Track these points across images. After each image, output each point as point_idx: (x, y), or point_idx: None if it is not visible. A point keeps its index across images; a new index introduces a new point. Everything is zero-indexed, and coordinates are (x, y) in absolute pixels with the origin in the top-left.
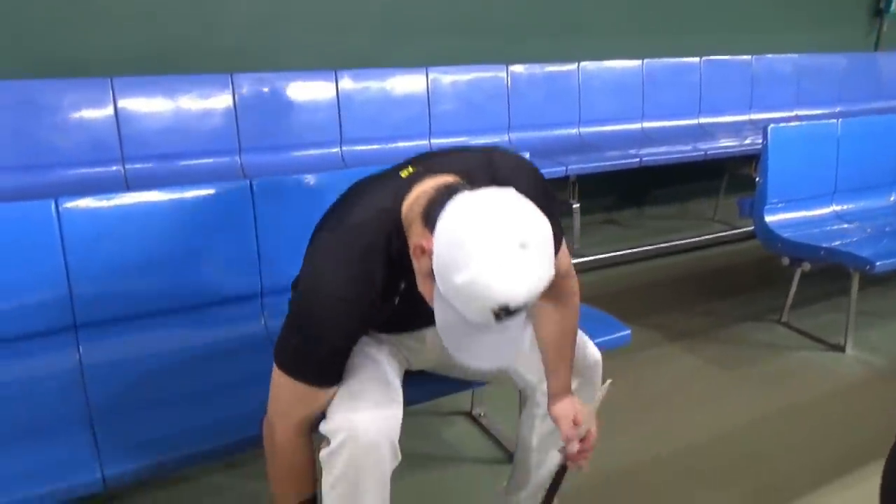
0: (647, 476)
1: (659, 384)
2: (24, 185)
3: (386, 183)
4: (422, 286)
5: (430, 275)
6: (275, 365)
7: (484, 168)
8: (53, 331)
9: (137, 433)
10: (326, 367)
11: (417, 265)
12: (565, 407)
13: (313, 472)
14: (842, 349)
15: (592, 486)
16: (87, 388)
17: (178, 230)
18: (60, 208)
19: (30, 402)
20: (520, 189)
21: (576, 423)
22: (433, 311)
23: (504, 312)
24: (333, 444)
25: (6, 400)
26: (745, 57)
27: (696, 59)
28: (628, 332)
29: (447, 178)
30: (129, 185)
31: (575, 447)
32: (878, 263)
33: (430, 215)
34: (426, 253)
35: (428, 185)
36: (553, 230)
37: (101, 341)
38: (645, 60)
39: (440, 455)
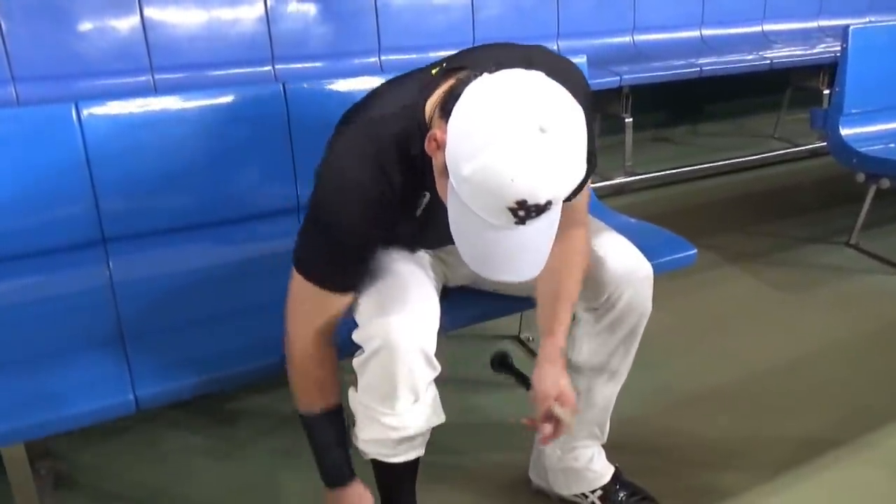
0: (711, 409)
1: (721, 307)
2: (47, 95)
3: (414, 79)
4: (439, 187)
5: (445, 171)
6: (293, 266)
7: (521, 64)
8: (81, 245)
9: (170, 353)
10: (340, 269)
11: (435, 162)
12: (552, 376)
13: (337, 383)
14: None
15: (650, 414)
16: (118, 306)
17: (209, 138)
18: (82, 114)
19: (60, 320)
20: None
21: (561, 403)
22: None
23: (524, 210)
24: (367, 351)
25: (36, 318)
26: None
27: None
28: (694, 251)
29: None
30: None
31: (548, 430)
32: None
33: (447, 104)
34: (440, 146)
35: (455, 79)
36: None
37: (131, 256)
38: None
39: (486, 379)
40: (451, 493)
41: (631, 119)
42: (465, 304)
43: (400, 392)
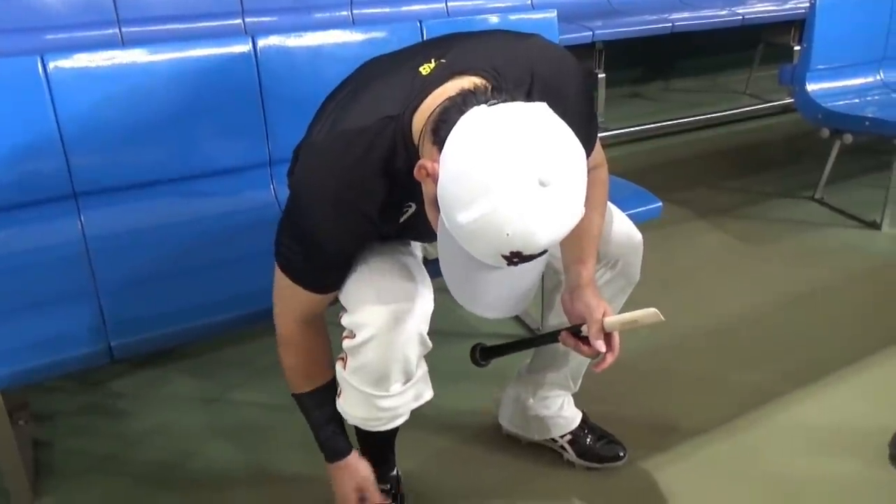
0: (675, 356)
1: (689, 259)
2: (11, 48)
3: (399, 79)
4: (429, 212)
5: (436, 205)
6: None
7: (520, 65)
8: (53, 199)
9: (143, 305)
10: (319, 273)
11: (425, 190)
12: (594, 297)
13: (326, 364)
14: (878, 226)
15: (621, 366)
16: (91, 259)
17: (178, 92)
18: (48, 67)
19: (34, 272)
20: (561, 95)
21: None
22: None
23: (518, 258)
24: (359, 338)
25: (10, 270)
26: None
27: None
28: (659, 204)
29: (471, 81)
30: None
31: (602, 347)
32: None
33: (439, 131)
34: (432, 177)
35: (447, 90)
36: (590, 132)
37: (102, 210)
38: None
39: (461, 331)
40: (429, 439)
41: (604, 75)
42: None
43: (393, 376)
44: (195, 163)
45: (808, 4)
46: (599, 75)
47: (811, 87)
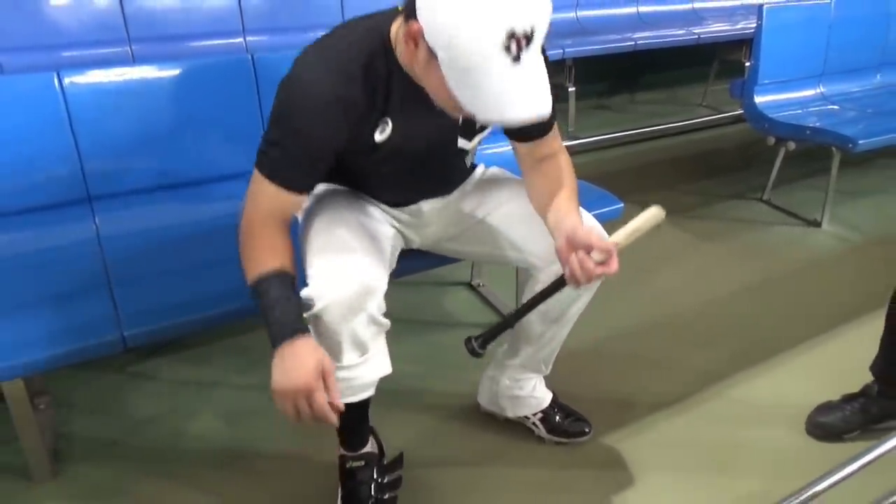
0: (633, 342)
1: (646, 257)
2: (29, 65)
3: (379, 13)
4: (426, 77)
5: (429, 57)
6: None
7: None
8: (69, 202)
9: (153, 298)
10: (292, 167)
11: (416, 59)
12: (585, 227)
13: (291, 254)
14: (818, 224)
15: (588, 350)
16: (105, 257)
17: (184, 104)
18: (64, 82)
19: (51, 269)
20: None
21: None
22: (428, 178)
23: (515, 43)
24: (315, 309)
25: (29, 267)
26: None
27: None
28: (621, 205)
29: None
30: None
31: (615, 265)
32: (860, 142)
33: (409, 5)
34: (418, 34)
35: None
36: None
37: (115, 213)
38: None
39: (441, 321)
40: (412, 417)
41: (574, 88)
42: (421, 255)
43: (345, 349)
44: (200, 168)
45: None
46: (570, 89)
47: (759, 99)
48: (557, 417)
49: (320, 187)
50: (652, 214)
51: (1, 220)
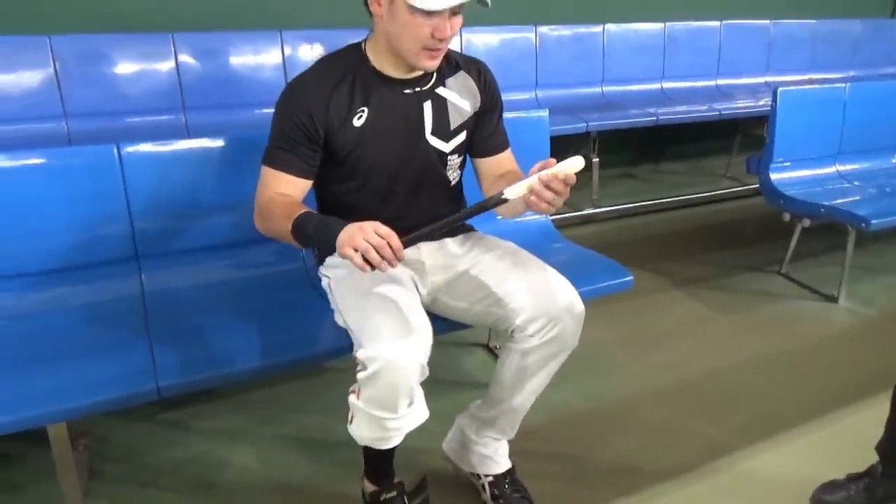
0: (645, 409)
1: (662, 326)
2: (94, 130)
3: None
4: (395, 21)
5: (390, 1)
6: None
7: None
8: (118, 260)
9: (189, 352)
10: (278, 147)
11: (385, 15)
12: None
13: (300, 205)
14: (835, 300)
15: (594, 417)
16: (147, 311)
17: (225, 174)
18: (122, 152)
19: (97, 322)
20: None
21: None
22: (413, 181)
23: None
24: (370, 370)
25: (77, 319)
26: (763, 21)
27: (716, 23)
28: (630, 278)
29: None
30: (189, 131)
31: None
32: (873, 222)
33: None
34: None
35: None
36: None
37: (159, 270)
38: (667, 23)
39: (458, 381)
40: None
41: (598, 159)
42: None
43: (401, 401)
44: (239, 232)
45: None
46: (594, 160)
47: (774, 176)
48: (507, 489)
49: (340, 270)
50: (575, 162)
51: (55, 276)
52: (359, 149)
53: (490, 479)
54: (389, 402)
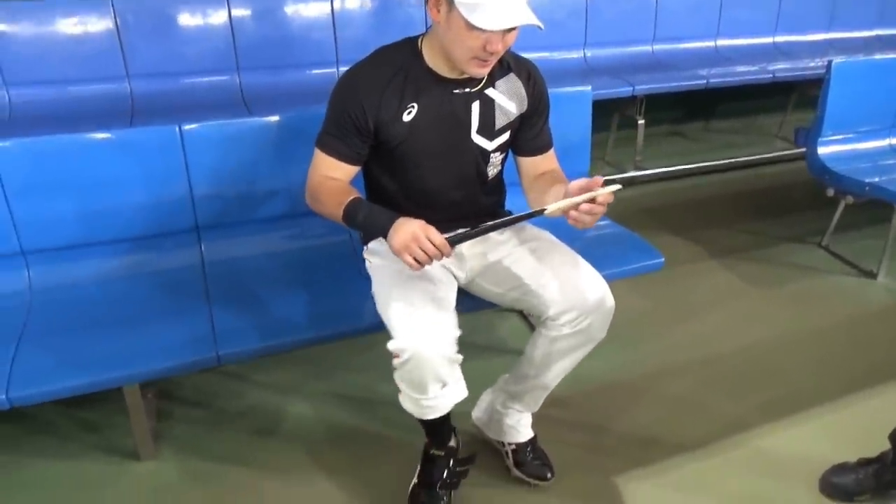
0: (669, 382)
1: (694, 297)
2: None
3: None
4: (450, 30)
5: (448, 8)
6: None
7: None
8: (180, 231)
9: (244, 321)
10: (330, 133)
11: (441, 21)
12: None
13: (350, 189)
14: (874, 276)
15: (619, 387)
16: (206, 281)
17: (281, 148)
18: (183, 130)
19: (158, 291)
20: (532, 76)
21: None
22: (456, 172)
23: None
24: (402, 358)
25: (138, 289)
26: None
27: None
28: (661, 259)
29: None
30: (243, 91)
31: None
32: None
33: None
34: (441, 1)
35: None
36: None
37: (219, 241)
38: None
39: (494, 346)
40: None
41: (643, 121)
42: (470, 297)
43: (430, 385)
44: (294, 204)
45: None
46: (640, 121)
47: (822, 150)
48: (529, 456)
49: (379, 260)
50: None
51: (123, 245)
52: (406, 142)
53: (513, 447)
54: (420, 386)
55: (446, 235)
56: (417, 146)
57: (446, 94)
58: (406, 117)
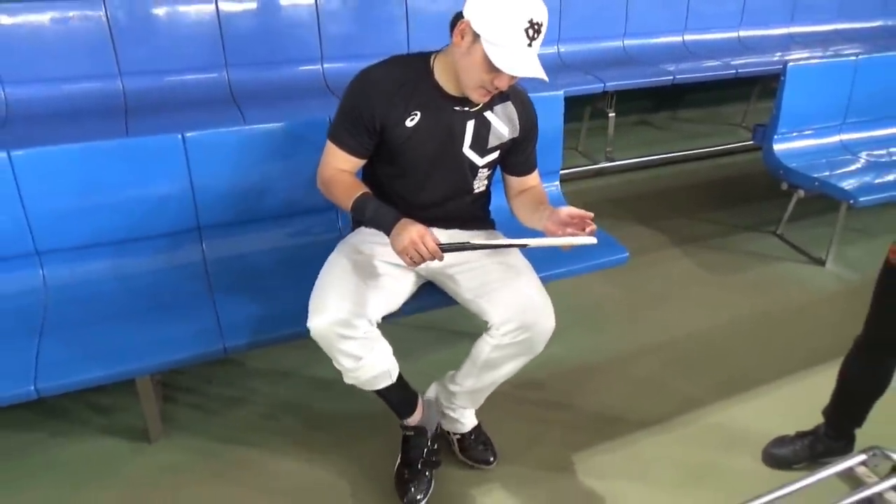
0: (633, 364)
1: (657, 284)
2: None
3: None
4: (468, 58)
5: (473, 40)
6: None
7: None
8: (181, 231)
9: (247, 314)
10: (341, 126)
11: (462, 47)
12: (561, 210)
13: (358, 184)
14: (822, 263)
15: (587, 370)
16: (210, 277)
17: (277, 153)
18: (186, 137)
19: (164, 287)
20: (525, 103)
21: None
22: (444, 177)
23: (532, 29)
24: (310, 329)
25: (146, 285)
26: None
27: None
28: (626, 254)
29: None
30: (231, 87)
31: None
32: (861, 199)
33: (457, 15)
34: (466, 26)
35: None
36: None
37: (220, 239)
38: None
39: (473, 332)
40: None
41: (614, 114)
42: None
43: (339, 357)
44: (290, 204)
45: (798, 57)
46: (610, 114)
47: (777, 147)
48: (472, 442)
49: (349, 241)
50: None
51: (129, 244)
52: (406, 145)
53: (458, 436)
54: (334, 360)
55: (441, 243)
56: (414, 150)
57: (447, 110)
58: (409, 122)
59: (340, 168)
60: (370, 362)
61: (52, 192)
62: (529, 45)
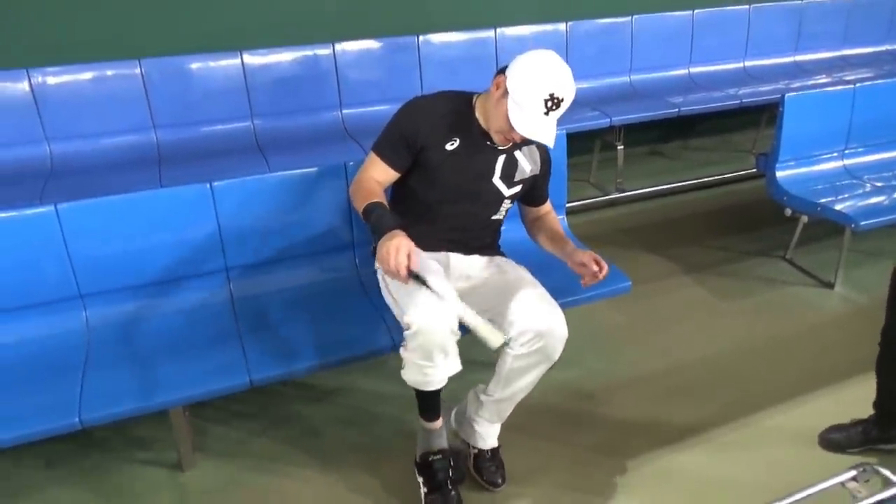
0: (637, 389)
1: (666, 311)
2: (179, 140)
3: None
4: (497, 108)
5: (503, 95)
6: None
7: None
8: (210, 272)
9: (271, 349)
10: (389, 143)
11: (494, 96)
12: (583, 252)
13: (385, 198)
14: (831, 286)
15: (595, 392)
16: (236, 314)
17: (302, 197)
18: (214, 186)
19: (195, 324)
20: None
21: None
22: (471, 204)
23: (552, 101)
24: (412, 329)
25: (179, 324)
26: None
27: (745, 7)
28: (629, 283)
29: None
30: (257, 136)
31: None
32: (862, 223)
33: (500, 70)
34: (502, 81)
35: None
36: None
37: (246, 279)
38: (695, 11)
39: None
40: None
41: (622, 147)
42: None
43: (435, 353)
44: (311, 245)
45: (802, 86)
46: (619, 147)
47: (780, 174)
48: (486, 462)
49: None
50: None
51: (162, 286)
52: (441, 167)
53: (476, 451)
54: (427, 353)
55: (415, 269)
56: (448, 173)
57: (482, 144)
58: (448, 147)
59: (375, 178)
60: (451, 360)
61: (94, 241)
62: (546, 113)
